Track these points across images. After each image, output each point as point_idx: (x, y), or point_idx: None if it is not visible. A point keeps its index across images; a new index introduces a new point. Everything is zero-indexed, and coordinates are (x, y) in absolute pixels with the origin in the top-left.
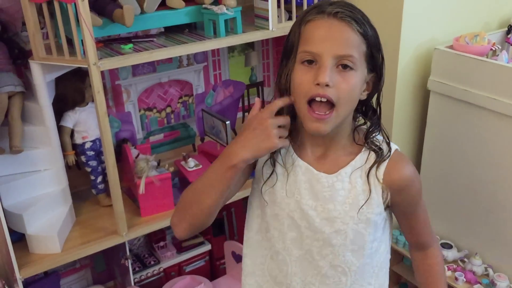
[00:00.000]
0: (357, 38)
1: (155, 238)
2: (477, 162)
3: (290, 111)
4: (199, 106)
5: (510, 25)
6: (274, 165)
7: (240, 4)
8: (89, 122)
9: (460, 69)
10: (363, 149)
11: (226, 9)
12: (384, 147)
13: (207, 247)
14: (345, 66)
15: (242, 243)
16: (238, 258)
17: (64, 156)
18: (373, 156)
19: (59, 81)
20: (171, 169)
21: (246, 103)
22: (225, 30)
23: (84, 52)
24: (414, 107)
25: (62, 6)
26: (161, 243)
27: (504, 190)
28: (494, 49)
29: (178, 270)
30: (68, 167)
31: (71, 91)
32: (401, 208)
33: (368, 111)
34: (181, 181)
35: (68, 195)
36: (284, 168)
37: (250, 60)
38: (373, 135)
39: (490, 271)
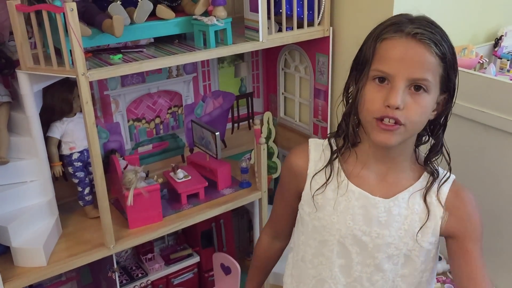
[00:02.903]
0: (434, 61)
1: (142, 250)
2: (464, 175)
3: (349, 132)
4: (188, 116)
5: (497, 38)
6: (325, 189)
7: (230, 15)
8: (77, 133)
9: None
10: (424, 174)
11: (217, 20)
12: (441, 171)
13: (196, 259)
14: (418, 88)
15: (230, 254)
16: (226, 270)
17: (51, 167)
18: (432, 180)
19: (46, 91)
20: (160, 180)
21: (235, 114)
22: (215, 41)
23: (72, 62)
24: None
25: (50, 16)
26: (149, 255)
27: (493, 201)
28: (481, 62)
29: (166, 283)
30: (55, 178)
31: (58, 101)
32: (457, 241)
33: (434, 130)
34: (170, 192)
35: (54, 207)
36: (336, 194)
37: (239, 71)
38: (435, 157)
39: None
